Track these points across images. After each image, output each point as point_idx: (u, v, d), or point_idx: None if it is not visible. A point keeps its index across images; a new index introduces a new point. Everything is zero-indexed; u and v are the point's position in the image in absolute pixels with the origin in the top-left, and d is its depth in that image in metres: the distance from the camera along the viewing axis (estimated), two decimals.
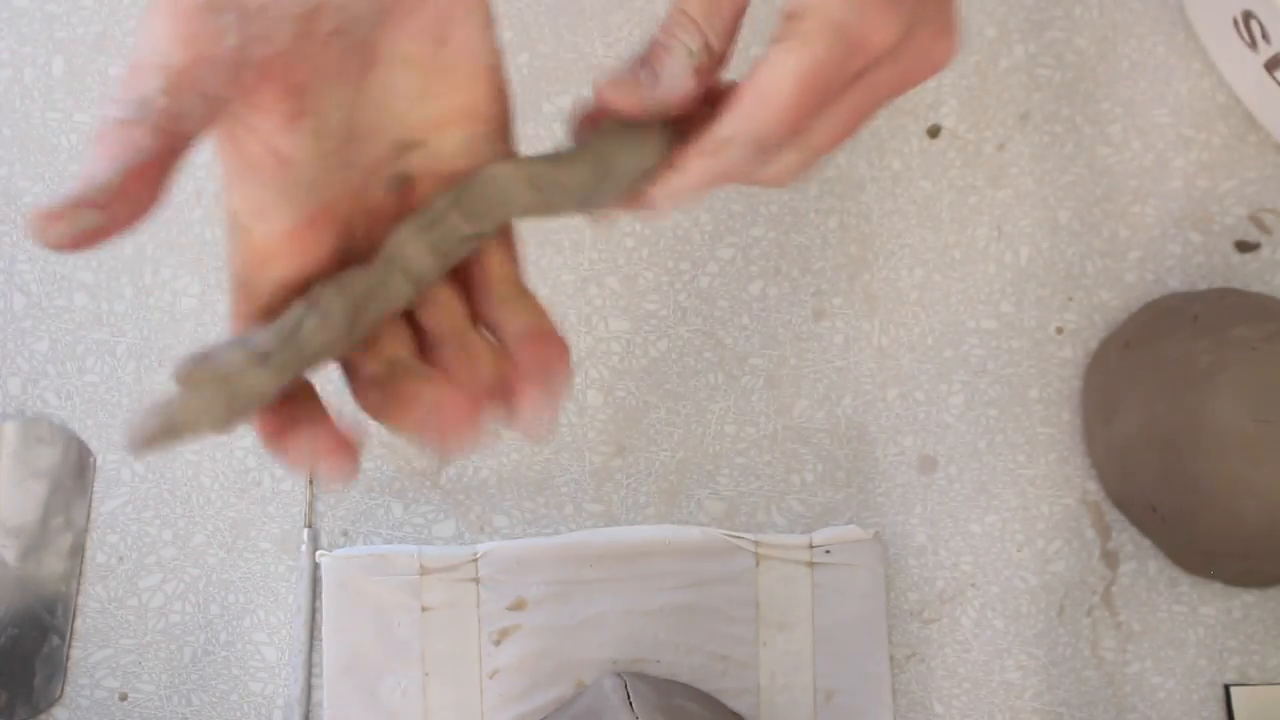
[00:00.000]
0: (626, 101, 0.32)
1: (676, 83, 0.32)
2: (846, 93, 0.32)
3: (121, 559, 0.62)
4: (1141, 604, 0.62)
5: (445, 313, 0.33)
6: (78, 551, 0.62)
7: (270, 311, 0.31)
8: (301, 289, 0.31)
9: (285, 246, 0.31)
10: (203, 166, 0.66)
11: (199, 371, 0.28)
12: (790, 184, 0.34)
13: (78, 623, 0.62)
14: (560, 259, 0.65)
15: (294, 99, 0.29)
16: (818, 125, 0.33)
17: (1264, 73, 0.61)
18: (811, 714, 0.60)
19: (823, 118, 0.33)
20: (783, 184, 0.34)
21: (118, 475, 0.63)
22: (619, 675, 0.56)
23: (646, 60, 0.32)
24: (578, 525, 0.63)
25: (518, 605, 0.60)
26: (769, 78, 0.31)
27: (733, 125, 0.31)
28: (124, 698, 0.61)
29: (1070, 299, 0.64)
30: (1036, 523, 0.63)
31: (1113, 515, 0.63)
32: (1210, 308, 0.60)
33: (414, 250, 0.31)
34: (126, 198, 0.27)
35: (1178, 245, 0.65)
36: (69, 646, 0.61)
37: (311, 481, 0.63)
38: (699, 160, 0.32)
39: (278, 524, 0.63)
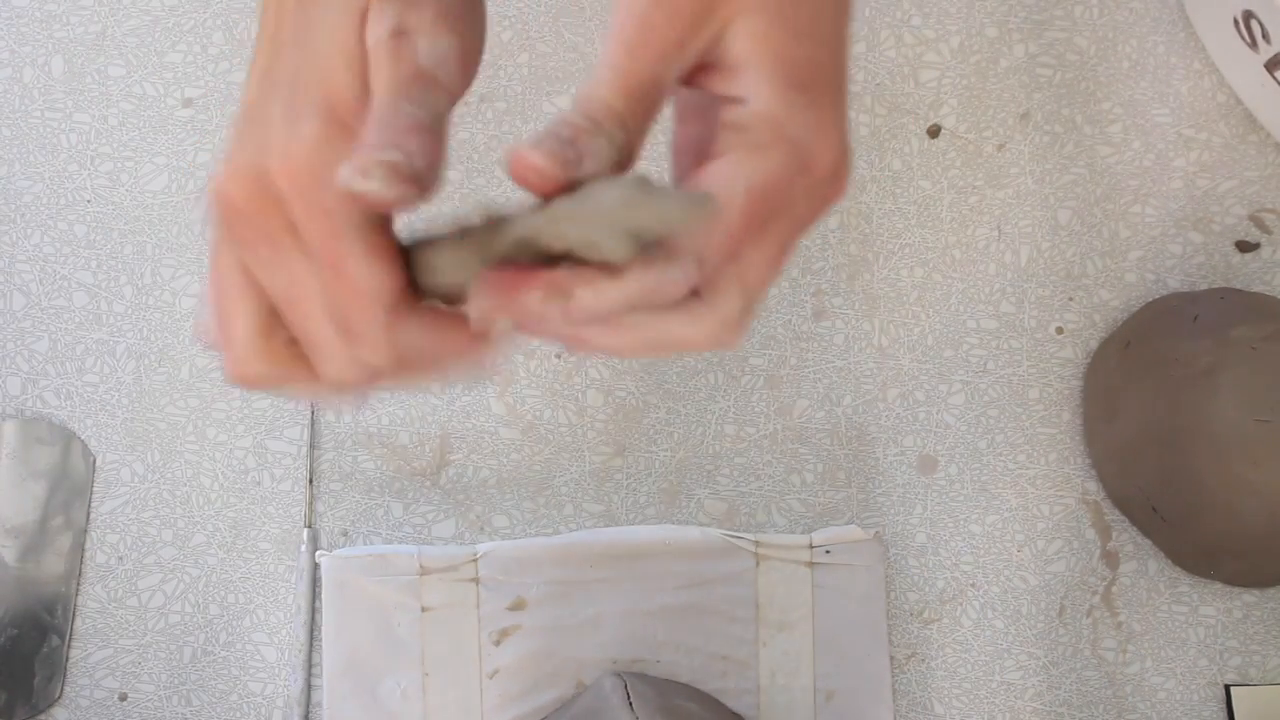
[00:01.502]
0: (550, 167, 0.29)
1: (598, 167, 0.29)
2: (778, 220, 0.31)
3: (121, 559, 0.62)
4: (1141, 604, 0.62)
5: None
6: (77, 551, 0.62)
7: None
8: None
9: None
10: (203, 166, 0.66)
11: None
12: (734, 343, 0.32)
13: (77, 623, 0.62)
14: None
15: None
16: (751, 255, 0.30)
17: (1264, 73, 0.61)
18: (811, 714, 0.60)
19: (757, 246, 0.30)
20: (727, 343, 0.31)
21: (117, 475, 0.63)
22: (619, 675, 0.56)
23: (570, 139, 0.29)
24: (578, 525, 0.63)
25: (518, 605, 0.60)
26: (718, 187, 0.29)
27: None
28: (124, 698, 0.61)
29: (1070, 299, 0.64)
30: (1036, 523, 0.63)
31: (1113, 515, 0.63)
32: (1210, 308, 0.60)
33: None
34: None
35: (1178, 245, 0.65)
36: (69, 646, 0.61)
37: (311, 481, 0.63)
38: (634, 277, 0.29)
39: (277, 524, 0.63)
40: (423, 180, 0.29)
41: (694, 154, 0.33)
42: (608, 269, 0.29)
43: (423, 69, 0.30)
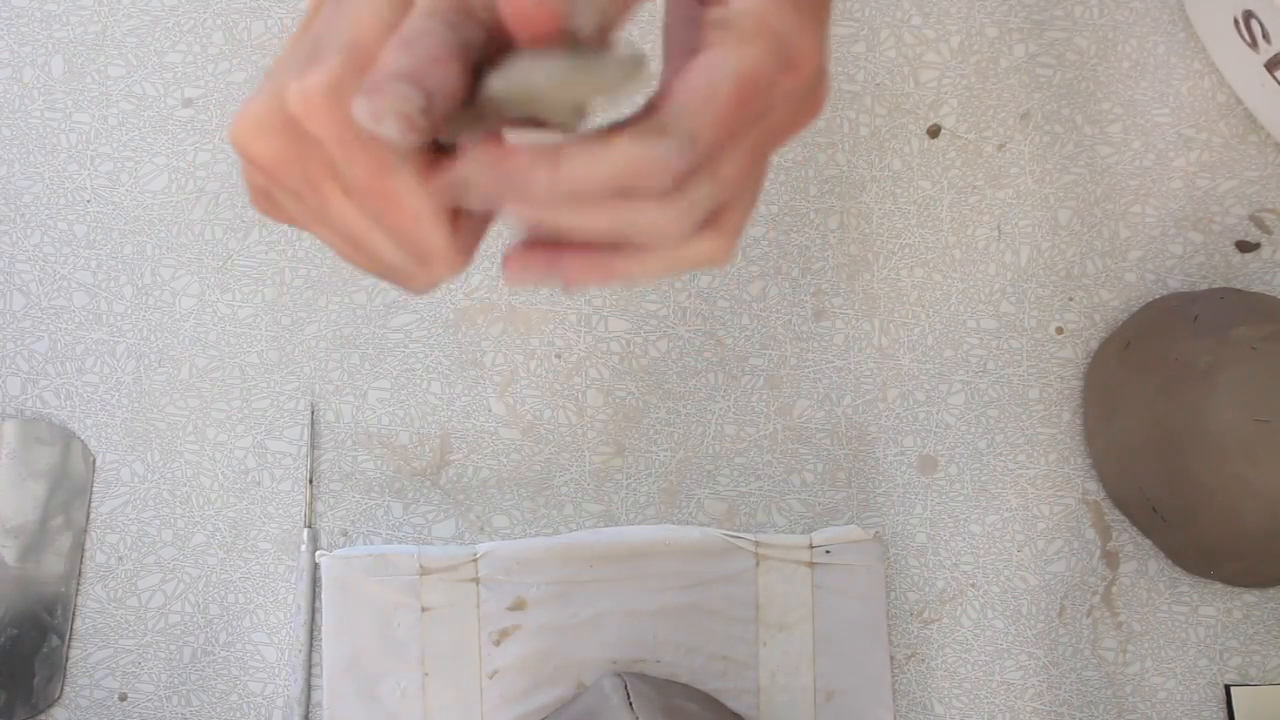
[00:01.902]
0: (539, 10, 0.28)
1: (583, 24, 0.29)
2: (754, 125, 0.30)
3: (121, 559, 0.62)
4: (1141, 604, 0.62)
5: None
6: (77, 551, 0.62)
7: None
8: None
9: None
10: (203, 166, 0.66)
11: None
12: (720, 256, 0.31)
13: (77, 623, 0.62)
14: None
15: None
16: (727, 156, 0.30)
17: (1264, 73, 0.61)
18: (811, 714, 0.60)
19: (732, 148, 0.30)
20: (717, 260, 0.31)
21: (117, 475, 0.63)
22: (619, 675, 0.56)
23: None
24: (578, 525, 0.63)
25: (518, 605, 0.60)
26: (706, 76, 0.29)
27: (668, 115, 0.29)
28: (123, 698, 0.61)
29: (1070, 299, 0.64)
30: (1036, 523, 0.63)
31: (1113, 515, 0.63)
32: (1210, 308, 0.60)
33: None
34: None
35: (1178, 245, 0.65)
36: (69, 646, 0.61)
37: (311, 481, 0.63)
38: (623, 147, 0.29)
39: (277, 524, 0.63)
40: (437, 116, 0.28)
41: (683, 59, 0.32)
42: (600, 137, 0.29)
43: None
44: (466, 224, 0.32)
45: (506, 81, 0.28)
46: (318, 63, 0.29)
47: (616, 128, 0.30)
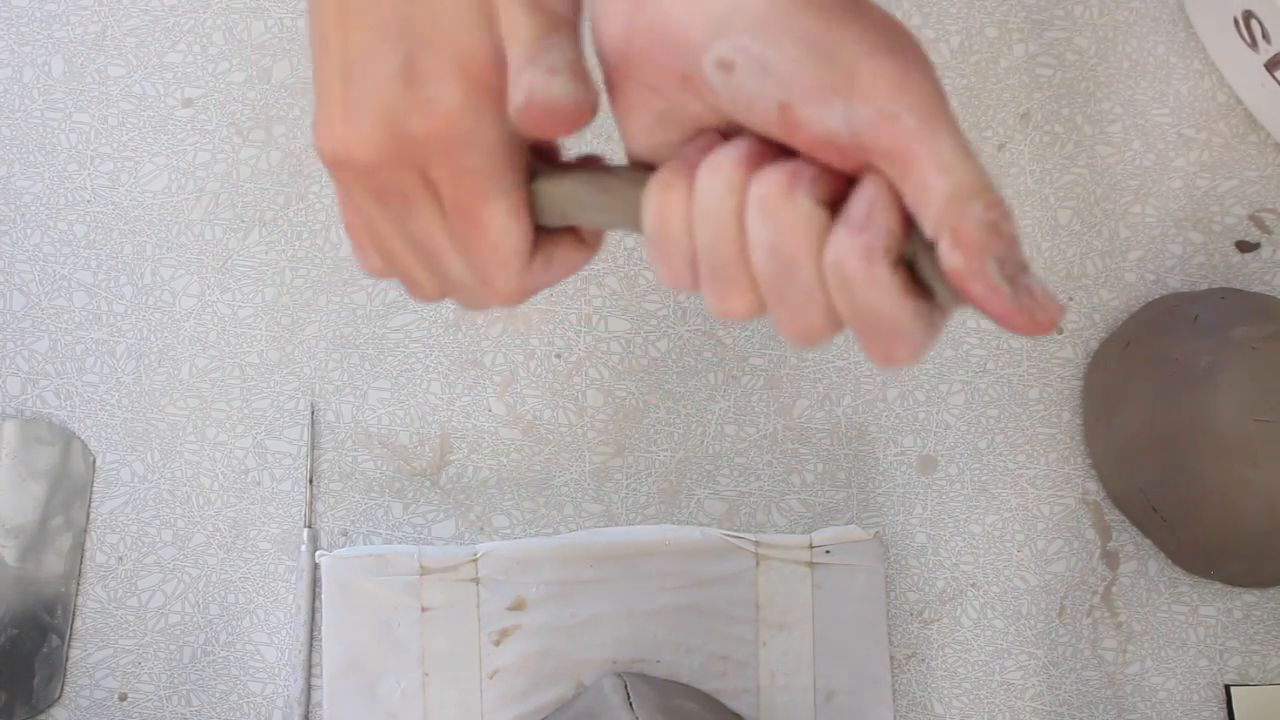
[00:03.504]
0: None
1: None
2: None
3: (121, 559, 0.62)
4: (1141, 604, 0.62)
5: None
6: (77, 551, 0.62)
7: None
8: None
9: None
10: (203, 166, 0.66)
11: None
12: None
13: (77, 623, 0.62)
14: None
15: None
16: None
17: (1264, 73, 0.61)
18: (811, 714, 0.60)
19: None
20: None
21: (117, 475, 0.63)
22: (619, 675, 0.56)
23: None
24: (578, 525, 0.63)
25: (518, 605, 0.60)
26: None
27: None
28: (124, 698, 0.61)
29: (1070, 299, 0.64)
30: (1036, 523, 0.63)
31: (1113, 515, 0.63)
32: (1210, 308, 0.60)
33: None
34: None
35: (1178, 245, 0.65)
36: (69, 646, 0.61)
37: (311, 481, 0.63)
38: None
39: (277, 524, 0.63)
40: (591, 101, 0.30)
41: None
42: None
43: (559, 14, 0.31)
44: (540, 268, 0.34)
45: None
46: (434, 84, 0.30)
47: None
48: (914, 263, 0.30)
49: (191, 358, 0.64)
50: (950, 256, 0.28)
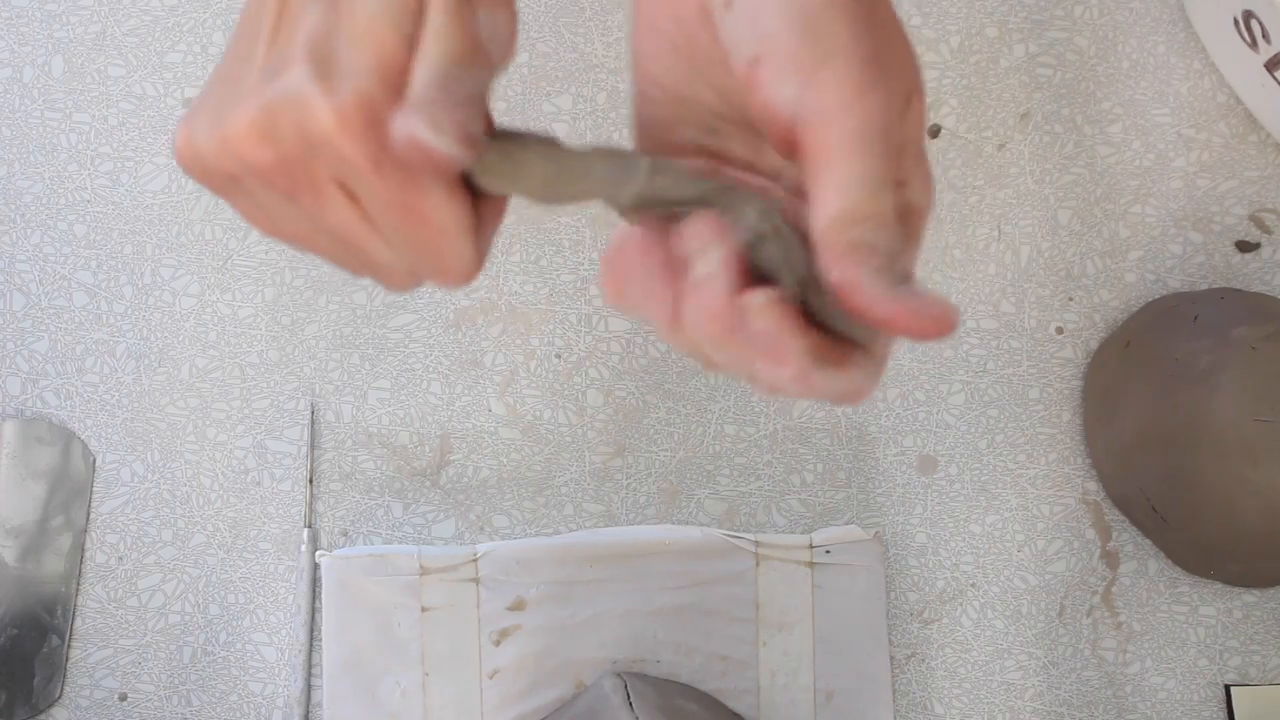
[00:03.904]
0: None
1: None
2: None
3: (121, 559, 0.62)
4: (1141, 604, 0.62)
5: None
6: (77, 551, 0.62)
7: None
8: None
9: None
10: None
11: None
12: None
13: (77, 623, 0.62)
14: (560, 259, 0.65)
15: None
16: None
17: (1264, 73, 0.61)
18: (811, 714, 0.60)
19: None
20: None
21: (117, 475, 0.63)
22: (619, 675, 0.56)
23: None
24: (578, 525, 0.63)
25: (518, 605, 0.60)
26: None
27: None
28: (123, 698, 0.61)
29: (1070, 299, 0.64)
30: (1036, 523, 0.63)
31: (1113, 515, 0.63)
32: (1210, 308, 0.60)
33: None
34: None
35: (1178, 245, 0.65)
36: (69, 646, 0.61)
37: (311, 481, 0.63)
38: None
39: (277, 524, 0.63)
40: (473, 146, 0.30)
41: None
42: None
43: (480, 42, 0.30)
44: (484, 234, 0.33)
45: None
46: (341, 78, 0.29)
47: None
48: (814, 311, 0.30)
49: (191, 358, 0.64)
50: (830, 273, 0.29)
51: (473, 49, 0.30)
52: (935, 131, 0.66)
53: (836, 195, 0.28)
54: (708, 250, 0.30)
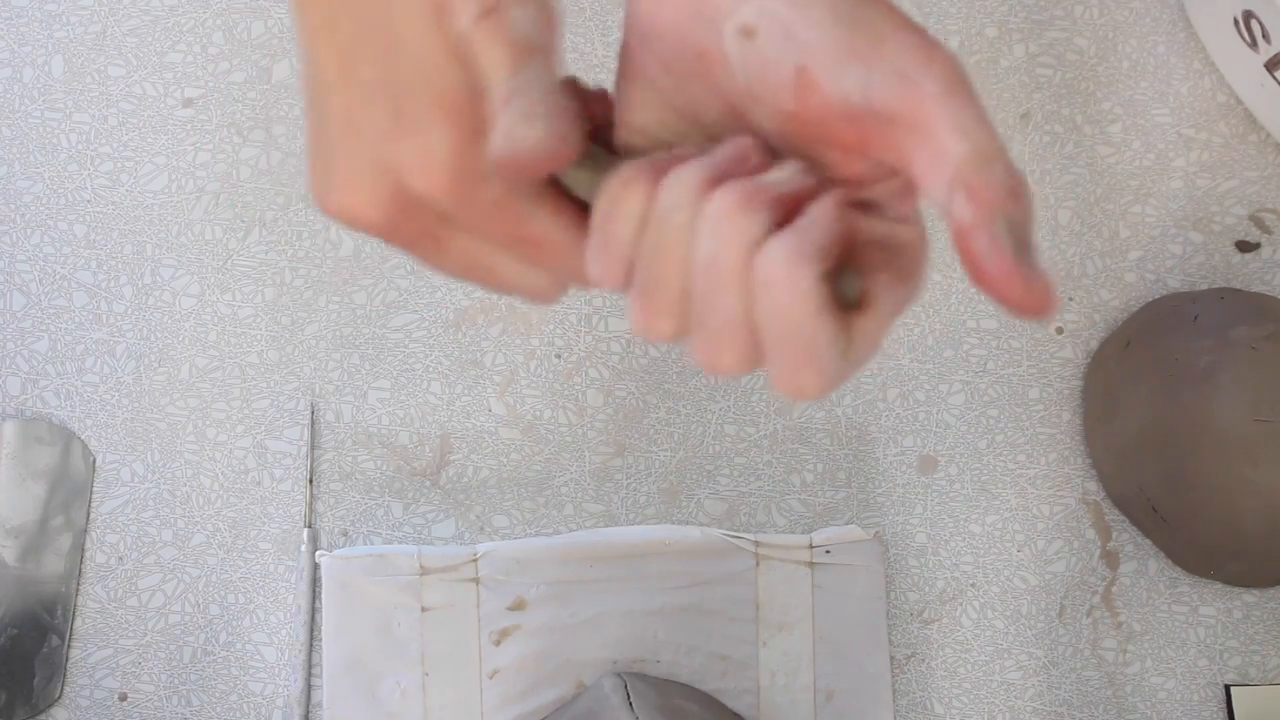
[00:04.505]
0: None
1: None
2: None
3: (121, 559, 0.62)
4: (1141, 604, 0.62)
5: None
6: (77, 551, 0.62)
7: None
8: None
9: None
10: (203, 166, 0.66)
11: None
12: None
13: (77, 623, 0.62)
14: None
15: None
16: None
17: (1264, 73, 0.61)
18: (811, 714, 0.60)
19: None
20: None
21: (117, 475, 0.63)
22: (619, 675, 0.56)
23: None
24: (578, 525, 0.63)
25: (518, 605, 0.60)
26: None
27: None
28: (123, 698, 0.61)
29: (1070, 299, 0.64)
30: (1036, 523, 0.63)
31: (1113, 515, 0.63)
32: (1210, 308, 0.60)
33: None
34: None
35: (1178, 245, 0.65)
36: (69, 646, 0.61)
37: (311, 481, 0.63)
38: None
39: (277, 524, 0.63)
40: (570, 139, 0.30)
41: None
42: None
43: (526, 39, 0.30)
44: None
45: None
46: (412, 133, 0.30)
47: None
48: (846, 293, 0.30)
49: (191, 358, 0.64)
50: (961, 210, 0.27)
51: (522, 51, 0.30)
52: None
53: (959, 137, 0.28)
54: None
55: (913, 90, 0.28)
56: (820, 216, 0.29)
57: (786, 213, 0.29)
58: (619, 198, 0.30)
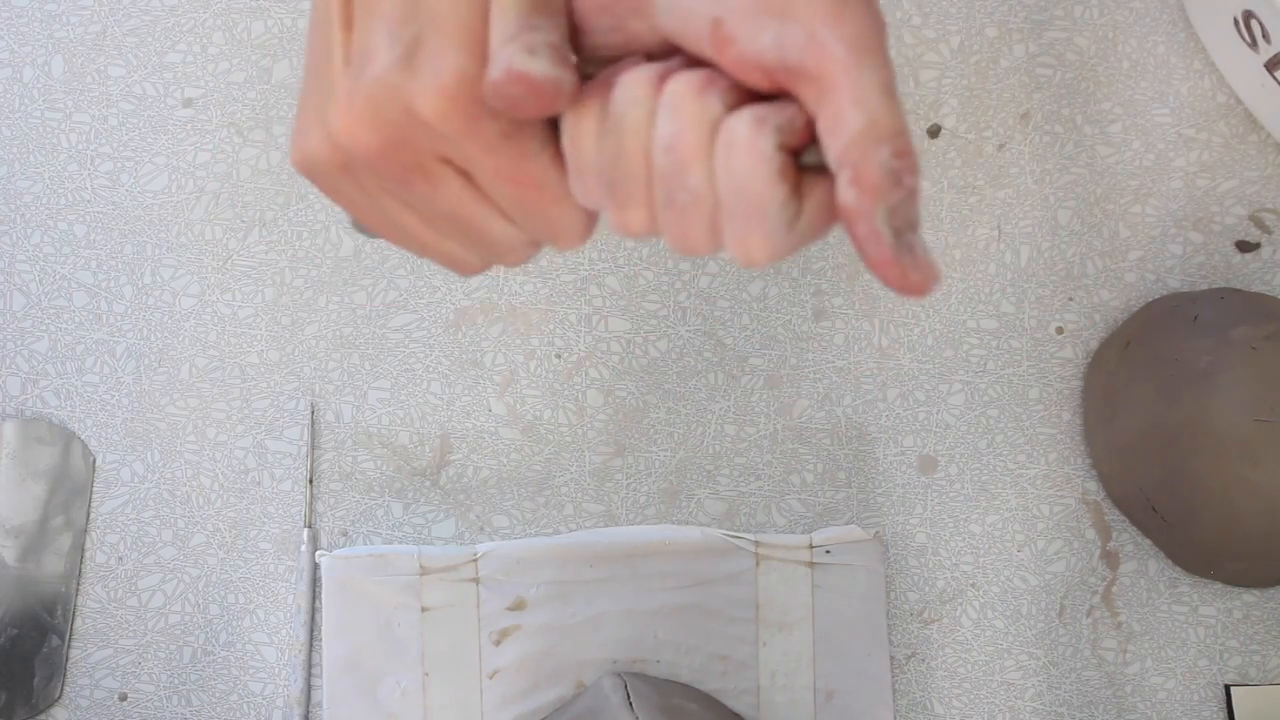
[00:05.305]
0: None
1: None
2: None
3: (121, 559, 0.62)
4: (1141, 604, 0.62)
5: None
6: (77, 551, 0.62)
7: None
8: None
9: None
10: (203, 166, 0.66)
11: None
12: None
13: (77, 623, 0.62)
14: (560, 259, 0.65)
15: None
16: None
17: (1264, 73, 0.61)
18: (811, 714, 0.60)
19: None
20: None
21: (117, 475, 0.63)
22: (619, 675, 0.56)
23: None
24: (578, 525, 0.63)
25: (518, 605, 0.60)
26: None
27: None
28: (123, 698, 0.61)
29: (1070, 299, 0.64)
30: (1036, 523, 0.63)
31: (1113, 515, 0.63)
32: (1210, 308, 0.60)
33: None
34: None
35: (1178, 245, 0.65)
36: (69, 646, 0.61)
37: (311, 481, 0.63)
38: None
39: (277, 524, 0.63)
40: (566, 83, 0.30)
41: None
42: None
43: None
44: None
45: None
46: (430, 58, 0.30)
47: None
48: (804, 166, 0.30)
49: (191, 358, 0.64)
50: (845, 192, 0.28)
51: (540, 2, 0.30)
52: (935, 131, 0.66)
53: (856, 109, 0.28)
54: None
55: (818, 50, 0.28)
56: (787, 104, 0.29)
57: (742, 101, 0.29)
58: (576, 117, 0.31)
